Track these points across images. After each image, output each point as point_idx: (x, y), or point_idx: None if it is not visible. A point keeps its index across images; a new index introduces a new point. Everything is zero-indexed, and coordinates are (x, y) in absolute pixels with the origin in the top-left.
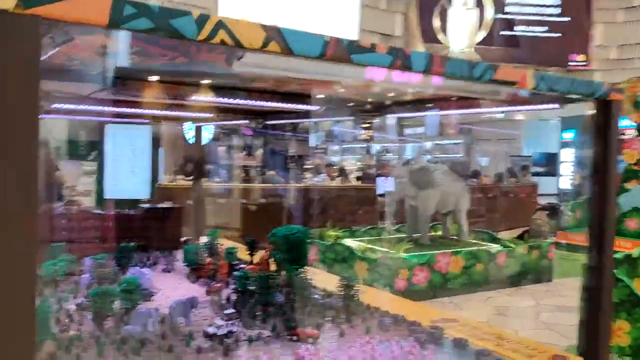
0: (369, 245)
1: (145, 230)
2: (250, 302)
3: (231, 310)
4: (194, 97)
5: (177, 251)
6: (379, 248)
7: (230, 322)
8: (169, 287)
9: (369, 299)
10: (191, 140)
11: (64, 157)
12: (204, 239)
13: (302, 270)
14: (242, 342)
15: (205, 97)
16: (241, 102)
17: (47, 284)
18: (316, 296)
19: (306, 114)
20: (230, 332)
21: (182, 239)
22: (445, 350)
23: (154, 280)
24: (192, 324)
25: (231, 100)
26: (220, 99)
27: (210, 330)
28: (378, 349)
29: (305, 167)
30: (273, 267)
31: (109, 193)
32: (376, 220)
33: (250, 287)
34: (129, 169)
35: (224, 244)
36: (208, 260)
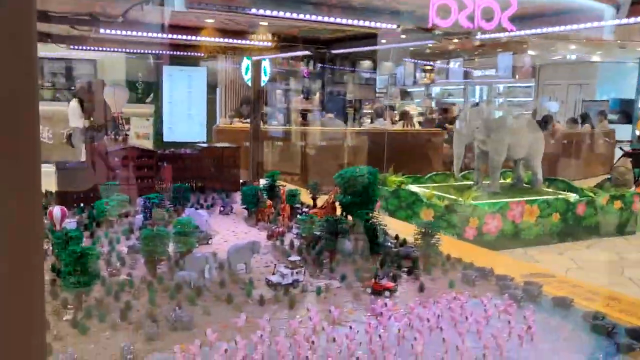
0: (435, 192)
1: (203, 170)
2: (317, 248)
3: (296, 258)
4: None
5: (236, 193)
6: (446, 195)
7: (295, 270)
8: (227, 230)
9: (447, 249)
10: (248, 81)
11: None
12: (263, 182)
13: (372, 215)
14: (308, 293)
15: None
16: (310, 17)
17: (99, 224)
18: (389, 244)
19: (372, 42)
20: (296, 282)
21: (241, 181)
22: (546, 310)
23: (212, 223)
24: (252, 271)
25: (300, 17)
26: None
27: (274, 279)
28: (467, 307)
29: (364, 110)
30: (338, 211)
31: (166, 136)
32: (441, 166)
33: (316, 233)
34: (185, 111)
35: (285, 185)
36: (269, 202)
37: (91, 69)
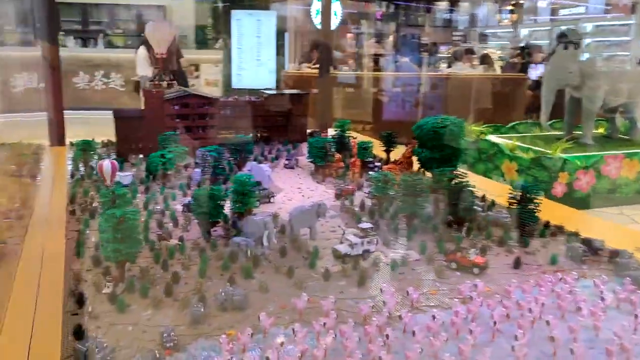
0: (519, 143)
1: (268, 119)
2: (391, 211)
3: (367, 224)
4: None
5: (303, 144)
6: (532, 146)
7: (366, 239)
8: (291, 187)
9: (544, 214)
10: (318, 25)
11: (191, 46)
12: (332, 132)
13: (456, 172)
14: (381, 266)
15: None
16: None
17: (155, 177)
18: (478, 208)
19: None
20: (367, 253)
21: (308, 131)
22: None
23: (275, 178)
24: (317, 237)
25: None
26: None
27: (342, 249)
28: (577, 291)
29: (440, 54)
30: (416, 166)
31: (235, 82)
32: (526, 115)
33: (390, 193)
34: (254, 57)
35: (356, 137)
36: (337, 156)
37: (160, 15)
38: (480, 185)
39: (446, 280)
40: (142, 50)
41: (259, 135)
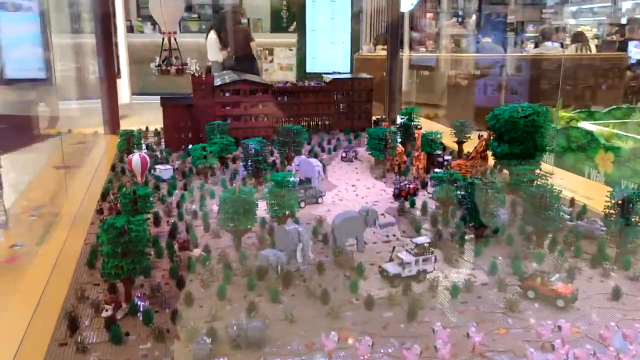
0: (617, 131)
1: (328, 107)
2: (457, 220)
3: (424, 239)
4: None
5: (364, 134)
6: (632, 135)
7: (422, 257)
8: (345, 183)
9: None
10: (408, 5)
11: (265, 30)
12: (399, 120)
13: (538, 171)
14: (439, 292)
15: None
16: None
17: (198, 172)
18: (565, 215)
19: None
20: (422, 273)
21: (374, 118)
22: None
23: (329, 173)
24: (365, 250)
25: None
26: None
27: (391, 268)
28: None
29: (527, 34)
30: (491, 162)
31: (309, 67)
32: (625, 99)
33: (459, 195)
34: (328, 40)
35: (421, 126)
36: (400, 148)
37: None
38: (569, 183)
39: (520, 315)
40: (212, 34)
41: (321, 122)
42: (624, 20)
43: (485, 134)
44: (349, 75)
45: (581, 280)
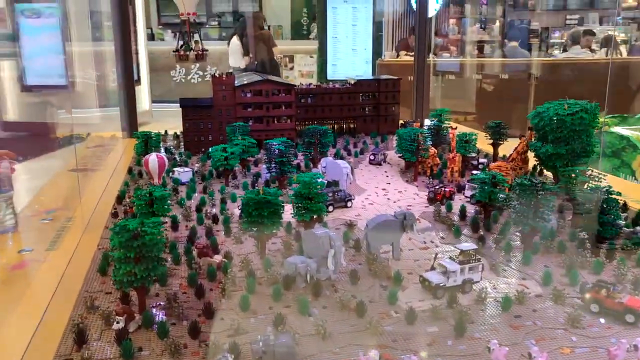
0: None
1: (355, 109)
2: (502, 224)
3: (470, 245)
4: None
5: (393, 137)
6: None
7: (468, 265)
8: (375, 187)
9: None
10: (432, 10)
11: (286, 37)
12: (427, 123)
13: (590, 172)
14: (489, 304)
15: None
16: None
17: (219, 174)
18: (621, 222)
19: None
20: (469, 283)
21: (401, 122)
22: None
23: (357, 176)
24: (403, 257)
25: None
26: None
27: (433, 277)
28: None
29: (552, 41)
30: (532, 164)
31: (330, 74)
32: None
33: (501, 198)
34: (350, 46)
35: (456, 127)
36: (432, 150)
37: (256, 7)
38: (616, 187)
39: (584, 332)
40: (234, 40)
41: (346, 125)
42: None
43: (526, 135)
44: (375, 77)
45: None
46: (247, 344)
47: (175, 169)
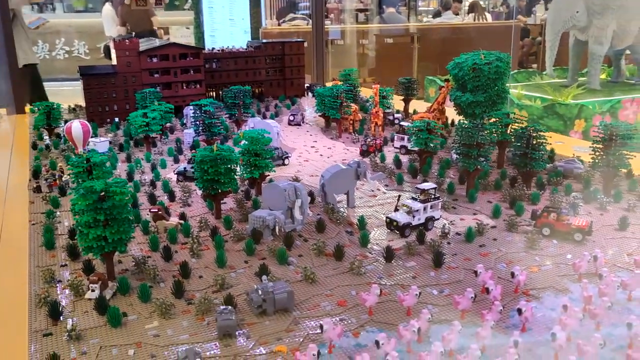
0: (524, 92)
1: (259, 73)
2: (438, 169)
3: (429, 184)
4: None
5: (302, 99)
6: (538, 94)
7: (429, 203)
8: (304, 145)
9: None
10: None
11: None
12: (330, 85)
13: (513, 115)
14: (454, 238)
15: None
16: None
17: (137, 143)
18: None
19: None
20: (431, 220)
21: (306, 85)
22: None
23: (283, 137)
24: (355, 206)
25: None
26: None
27: (401, 218)
28: None
29: (421, 8)
30: (450, 114)
31: (209, 44)
32: (525, 62)
33: (432, 145)
34: (227, 16)
35: (379, 82)
36: (354, 106)
37: None
38: None
39: (544, 252)
40: (107, 7)
41: (253, 90)
42: None
43: (445, 85)
44: (279, 40)
45: (582, 215)
46: (239, 296)
47: (90, 139)
